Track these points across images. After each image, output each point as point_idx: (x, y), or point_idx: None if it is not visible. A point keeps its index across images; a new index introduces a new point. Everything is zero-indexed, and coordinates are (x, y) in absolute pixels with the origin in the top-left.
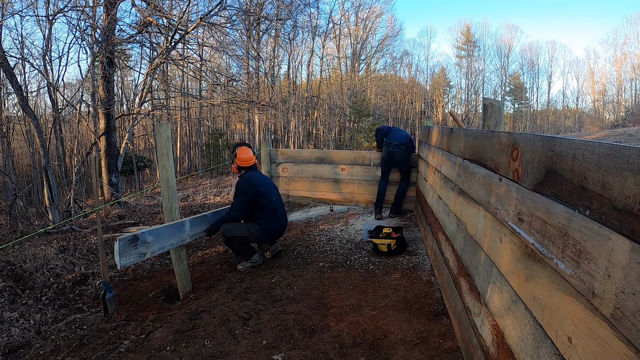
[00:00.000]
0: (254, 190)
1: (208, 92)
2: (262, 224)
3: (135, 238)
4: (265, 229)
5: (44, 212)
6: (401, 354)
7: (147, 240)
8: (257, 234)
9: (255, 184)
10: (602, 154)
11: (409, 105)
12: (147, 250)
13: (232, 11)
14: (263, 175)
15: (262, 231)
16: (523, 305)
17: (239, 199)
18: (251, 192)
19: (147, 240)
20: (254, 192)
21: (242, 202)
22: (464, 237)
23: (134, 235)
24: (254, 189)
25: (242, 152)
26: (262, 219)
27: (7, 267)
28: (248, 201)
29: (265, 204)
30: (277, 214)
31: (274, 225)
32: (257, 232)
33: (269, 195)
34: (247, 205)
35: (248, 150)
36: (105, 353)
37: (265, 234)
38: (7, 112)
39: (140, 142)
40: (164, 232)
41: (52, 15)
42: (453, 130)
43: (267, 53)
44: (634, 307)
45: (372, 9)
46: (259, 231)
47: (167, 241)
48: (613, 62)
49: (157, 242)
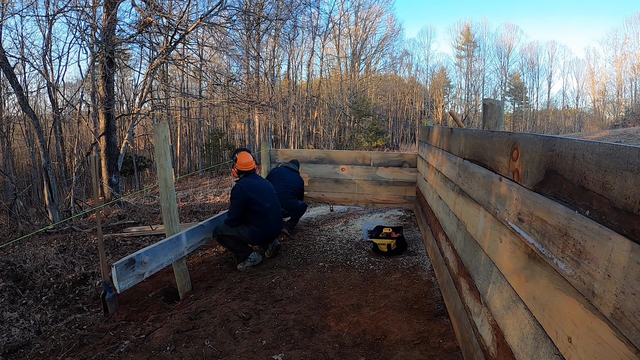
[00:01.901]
0: (245, 196)
1: (208, 92)
2: (253, 228)
3: (131, 261)
4: (254, 232)
5: (44, 212)
6: (401, 354)
7: (143, 261)
8: (246, 236)
9: (247, 190)
10: (602, 154)
11: (409, 105)
12: (144, 270)
13: (232, 11)
14: (260, 180)
15: (252, 234)
16: (523, 305)
17: (232, 203)
18: (242, 197)
19: (144, 261)
20: (244, 198)
21: (235, 206)
22: (464, 237)
23: (129, 259)
24: (245, 195)
25: (241, 157)
26: (253, 222)
27: (7, 267)
28: (240, 206)
29: (256, 209)
30: (268, 219)
31: (263, 230)
32: (247, 235)
33: (261, 202)
34: (240, 209)
35: (248, 155)
36: (105, 353)
37: (254, 237)
38: (7, 112)
39: (140, 142)
40: (160, 250)
41: (52, 15)
42: (453, 130)
43: (267, 53)
44: (634, 307)
45: (371, 8)
46: (248, 234)
47: (164, 258)
48: (613, 62)
49: (154, 261)
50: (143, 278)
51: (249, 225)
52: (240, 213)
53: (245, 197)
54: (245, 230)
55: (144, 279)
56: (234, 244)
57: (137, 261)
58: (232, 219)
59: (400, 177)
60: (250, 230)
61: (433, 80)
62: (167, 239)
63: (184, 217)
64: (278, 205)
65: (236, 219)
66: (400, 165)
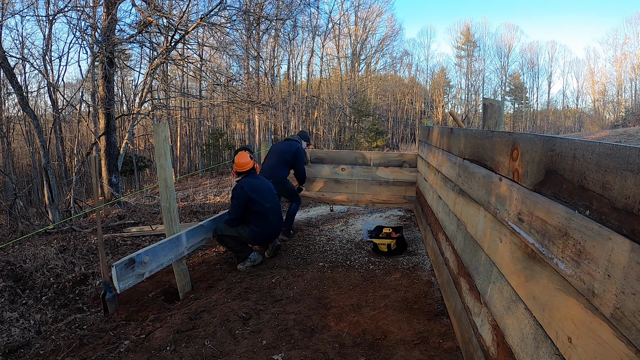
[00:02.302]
0: (245, 196)
1: (208, 92)
2: (253, 228)
3: (131, 261)
4: (254, 232)
5: (44, 212)
6: (401, 354)
7: (143, 261)
8: (246, 236)
9: (248, 191)
10: (602, 154)
11: (409, 105)
12: (144, 270)
13: (232, 11)
14: (260, 180)
15: (252, 234)
16: (523, 305)
17: (233, 203)
18: (242, 197)
19: (144, 261)
20: (245, 198)
21: (236, 206)
22: (464, 237)
23: (129, 259)
24: (246, 195)
25: (239, 157)
26: (253, 223)
27: (7, 267)
28: (241, 206)
29: (256, 209)
30: (268, 220)
31: (263, 230)
32: (246, 235)
33: (262, 202)
34: (241, 209)
35: (245, 155)
36: (105, 353)
37: (254, 237)
38: (7, 112)
39: (140, 142)
40: (160, 250)
41: (52, 15)
42: (453, 130)
43: (267, 53)
44: (634, 307)
45: (371, 8)
46: (248, 234)
47: (164, 258)
48: (613, 62)
49: (154, 261)
50: (143, 278)
51: (249, 225)
52: (240, 213)
53: (246, 197)
54: (245, 230)
55: (144, 279)
56: (234, 244)
57: (137, 261)
58: (232, 218)
59: (400, 177)
60: (250, 230)
61: (433, 80)
62: (167, 239)
63: (184, 217)
64: (278, 206)
65: (236, 218)
66: (400, 165)
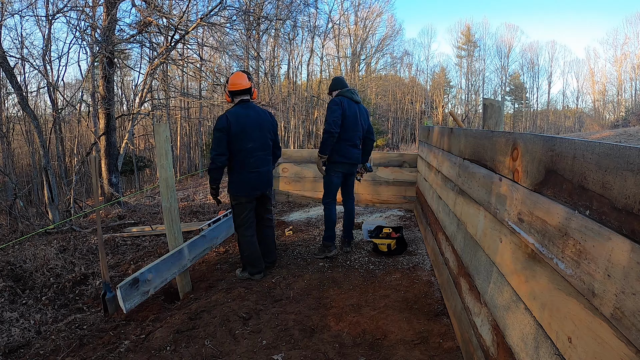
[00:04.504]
0: (228, 128)
1: (208, 92)
2: (233, 176)
3: (135, 280)
4: (234, 182)
5: (44, 212)
6: (401, 354)
7: (147, 279)
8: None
9: (232, 122)
10: (602, 154)
11: (409, 105)
12: (149, 287)
13: (232, 11)
14: (255, 111)
15: (233, 185)
16: (523, 305)
17: (214, 136)
18: (225, 130)
19: (148, 278)
20: (227, 131)
21: (217, 140)
22: (464, 237)
23: (133, 279)
24: (229, 127)
25: (235, 76)
26: (234, 169)
27: (7, 267)
28: (223, 140)
29: (238, 148)
30: (249, 162)
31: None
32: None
33: (243, 139)
34: (224, 145)
35: (243, 75)
36: (105, 353)
37: (236, 187)
38: (7, 112)
39: (140, 142)
40: (163, 265)
41: (52, 15)
42: (453, 130)
43: (267, 53)
44: (634, 307)
45: (371, 8)
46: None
47: (167, 272)
48: (613, 62)
49: (158, 277)
50: (148, 295)
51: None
52: (224, 149)
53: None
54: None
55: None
56: (249, 253)
57: (140, 280)
58: (215, 155)
59: (400, 177)
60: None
61: (433, 80)
62: (168, 253)
63: (184, 217)
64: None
65: (221, 154)
66: (400, 165)
